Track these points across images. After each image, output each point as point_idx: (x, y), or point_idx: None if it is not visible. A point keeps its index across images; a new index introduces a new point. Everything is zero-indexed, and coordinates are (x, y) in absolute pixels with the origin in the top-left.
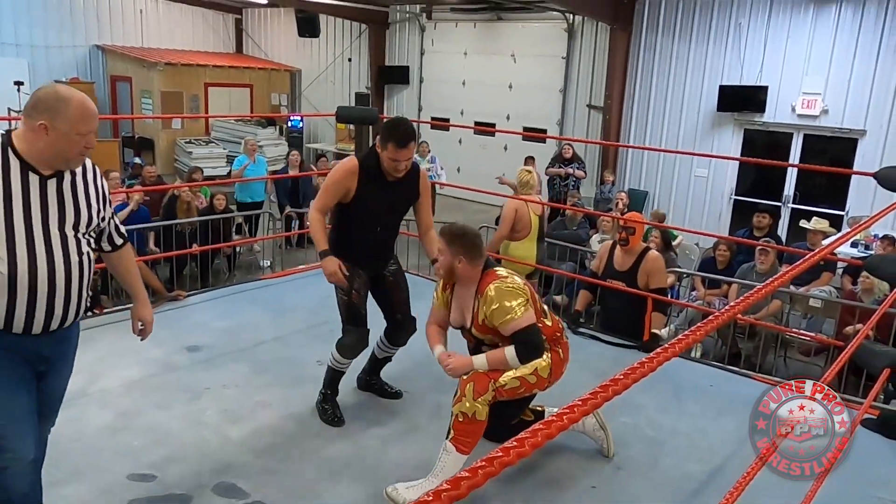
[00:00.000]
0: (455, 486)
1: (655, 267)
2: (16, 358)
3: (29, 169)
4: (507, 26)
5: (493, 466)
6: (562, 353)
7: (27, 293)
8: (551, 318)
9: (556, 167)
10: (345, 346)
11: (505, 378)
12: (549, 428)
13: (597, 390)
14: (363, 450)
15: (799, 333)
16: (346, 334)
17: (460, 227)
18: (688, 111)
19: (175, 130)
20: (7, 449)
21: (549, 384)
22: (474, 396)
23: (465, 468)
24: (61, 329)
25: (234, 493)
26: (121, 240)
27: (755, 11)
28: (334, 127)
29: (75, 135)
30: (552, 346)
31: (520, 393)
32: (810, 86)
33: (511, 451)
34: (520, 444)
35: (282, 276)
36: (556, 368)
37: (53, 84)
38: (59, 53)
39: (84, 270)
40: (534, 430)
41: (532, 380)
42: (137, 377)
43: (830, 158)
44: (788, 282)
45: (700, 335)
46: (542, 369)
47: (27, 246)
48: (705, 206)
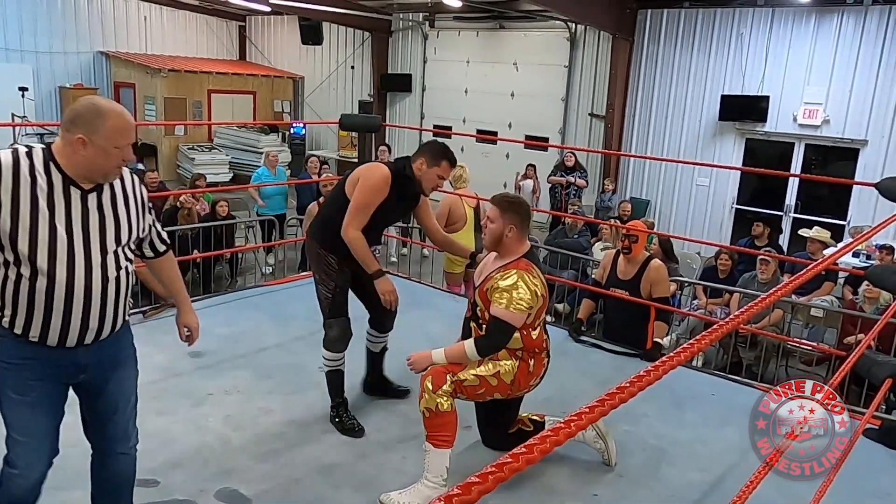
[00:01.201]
0: (466, 492)
1: (658, 276)
2: (47, 373)
3: (70, 183)
4: (509, 35)
5: (503, 472)
6: (533, 366)
7: (62, 307)
8: (539, 332)
9: (558, 176)
10: (331, 339)
11: (465, 374)
12: (557, 435)
13: (603, 398)
14: (365, 457)
15: (800, 343)
16: (329, 328)
17: (514, 196)
18: (689, 120)
19: (178, 137)
20: (16, 466)
21: (511, 391)
22: (433, 389)
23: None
24: (97, 341)
25: (236, 499)
26: (163, 246)
27: (757, 21)
28: (337, 134)
29: (113, 148)
30: (525, 355)
31: (479, 393)
32: (812, 95)
33: (520, 457)
34: (529, 450)
35: (283, 283)
36: (521, 377)
37: (91, 97)
38: (64, 60)
39: (122, 285)
40: (542, 437)
41: (493, 382)
42: (140, 382)
43: (832, 168)
44: (791, 292)
45: (704, 344)
46: (504, 373)
47: (67, 261)
48: (707, 215)
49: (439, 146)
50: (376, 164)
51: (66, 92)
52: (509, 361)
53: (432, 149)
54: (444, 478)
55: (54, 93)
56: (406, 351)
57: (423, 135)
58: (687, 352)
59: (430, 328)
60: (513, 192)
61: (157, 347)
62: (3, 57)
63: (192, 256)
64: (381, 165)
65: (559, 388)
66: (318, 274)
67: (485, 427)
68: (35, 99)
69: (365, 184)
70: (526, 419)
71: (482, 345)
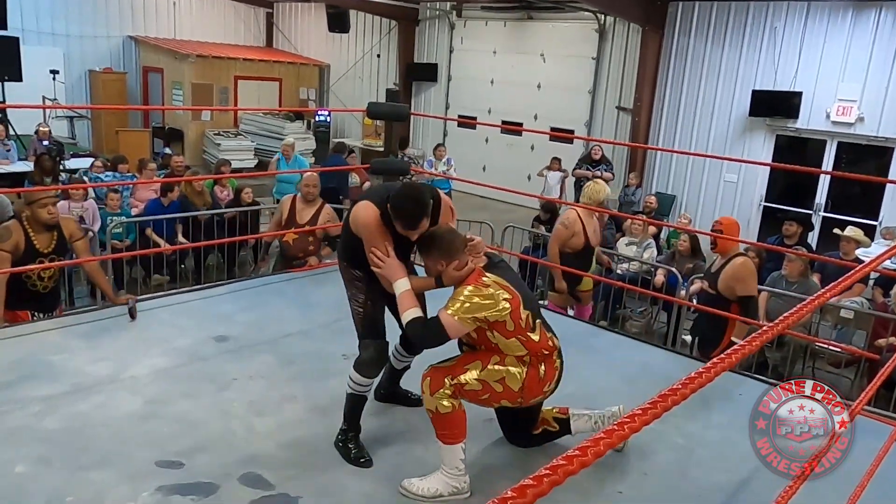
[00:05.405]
0: (521, 494)
1: (737, 273)
2: None
3: None
4: (537, 25)
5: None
6: (544, 372)
7: None
8: (540, 334)
9: (584, 169)
10: (364, 363)
11: (466, 377)
12: (610, 437)
13: (656, 400)
14: (388, 447)
15: (829, 343)
16: (364, 349)
17: (426, 236)
18: (719, 115)
19: (204, 122)
20: None
21: (522, 399)
22: (430, 392)
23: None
24: None
25: (261, 484)
26: None
27: (791, 15)
28: (361, 122)
29: None
30: (534, 360)
31: (484, 399)
32: (846, 92)
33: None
34: (582, 452)
35: (307, 270)
36: (531, 384)
37: None
38: (94, 44)
39: None
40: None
41: (498, 388)
42: (165, 366)
43: (862, 167)
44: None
45: (755, 346)
46: (511, 380)
47: None
48: (734, 211)
49: (395, 199)
50: (365, 206)
51: (96, 76)
52: (516, 368)
53: (392, 202)
54: (460, 469)
55: (84, 76)
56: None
57: (447, 125)
58: (738, 353)
59: None
60: (541, 185)
61: (180, 331)
62: (35, 40)
63: (216, 242)
64: (369, 207)
65: (583, 383)
66: (349, 290)
67: (508, 430)
68: (66, 82)
69: (361, 229)
70: (550, 419)
71: (415, 328)
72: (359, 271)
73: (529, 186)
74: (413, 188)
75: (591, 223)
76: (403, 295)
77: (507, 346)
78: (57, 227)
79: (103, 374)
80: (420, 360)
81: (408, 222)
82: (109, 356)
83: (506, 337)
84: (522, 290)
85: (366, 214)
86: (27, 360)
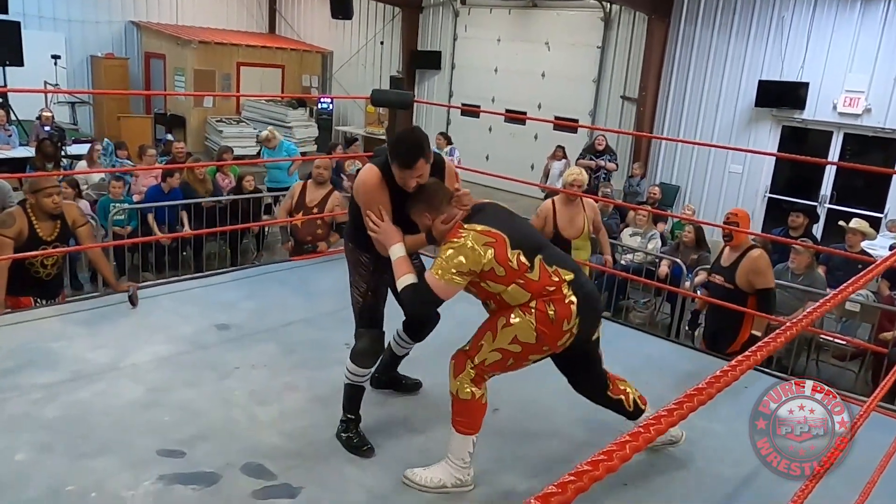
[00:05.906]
0: (563, 490)
1: (753, 266)
2: None
3: None
4: (542, 14)
5: (598, 470)
6: (555, 312)
7: None
8: (540, 272)
9: (588, 159)
10: (359, 352)
11: (483, 353)
12: (636, 440)
13: (682, 400)
14: (390, 438)
15: (834, 336)
16: (359, 339)
17: (416, 188)
18: (724, 105)
19: (206, 109)
20: None
21: (547, 347)
22: (454, 374)
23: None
24: None
25: (262, 473)
26: None
27: (799, 5)
28: (364, 110)
29: None
30: (539, 303)
31: (510, 364)
32: (853, 83)
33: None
34: (619, 447)
35: (309, 259)
36: (546, 329)
37: None
38: (95, 29)
39: None
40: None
41: (515, 349)
42: (167, 354)
43: (867, 159)
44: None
45: (779, 343)
46: (523, 334)
47: None
48: (738, 202)
49: (392, 142)
50: (367, 168)
51: (98, 61)
52: (521, 318)
53: (389, 146)
54: (465, 461)
55: (86, 62)
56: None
57: (451, 113)
58: (764, 350)
59: (458, 309)
60: (541, 174)
61: (182, 319)
62: (36, 25)
63: (219, 229)
64: (370, 167)
65: None
66: (353, 275)
67: (569, 377)
68: (67, 67)
69: (358, 192)
70: (632, 398)
71: (407, 294)
72: (366, 256)
73: (532, 175)
74: (412, 130)
75: (565, 213)
76: (398, 261)
77: (512, 295)
78: (60, 216)
79: (104, 361)
80: (421, 348)
81: (404, 160)
82: (110, 343)
83: (504, 284)
84: (510, 230)
85: (366, 175)
86: (27, 347)
